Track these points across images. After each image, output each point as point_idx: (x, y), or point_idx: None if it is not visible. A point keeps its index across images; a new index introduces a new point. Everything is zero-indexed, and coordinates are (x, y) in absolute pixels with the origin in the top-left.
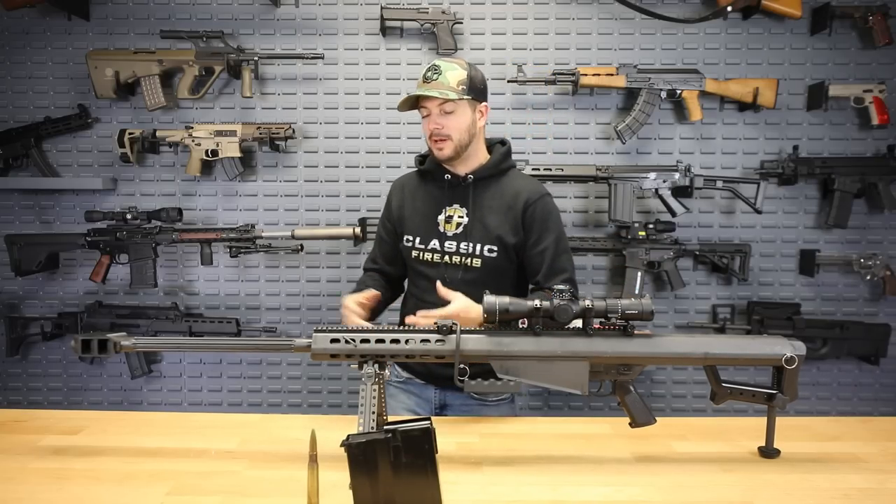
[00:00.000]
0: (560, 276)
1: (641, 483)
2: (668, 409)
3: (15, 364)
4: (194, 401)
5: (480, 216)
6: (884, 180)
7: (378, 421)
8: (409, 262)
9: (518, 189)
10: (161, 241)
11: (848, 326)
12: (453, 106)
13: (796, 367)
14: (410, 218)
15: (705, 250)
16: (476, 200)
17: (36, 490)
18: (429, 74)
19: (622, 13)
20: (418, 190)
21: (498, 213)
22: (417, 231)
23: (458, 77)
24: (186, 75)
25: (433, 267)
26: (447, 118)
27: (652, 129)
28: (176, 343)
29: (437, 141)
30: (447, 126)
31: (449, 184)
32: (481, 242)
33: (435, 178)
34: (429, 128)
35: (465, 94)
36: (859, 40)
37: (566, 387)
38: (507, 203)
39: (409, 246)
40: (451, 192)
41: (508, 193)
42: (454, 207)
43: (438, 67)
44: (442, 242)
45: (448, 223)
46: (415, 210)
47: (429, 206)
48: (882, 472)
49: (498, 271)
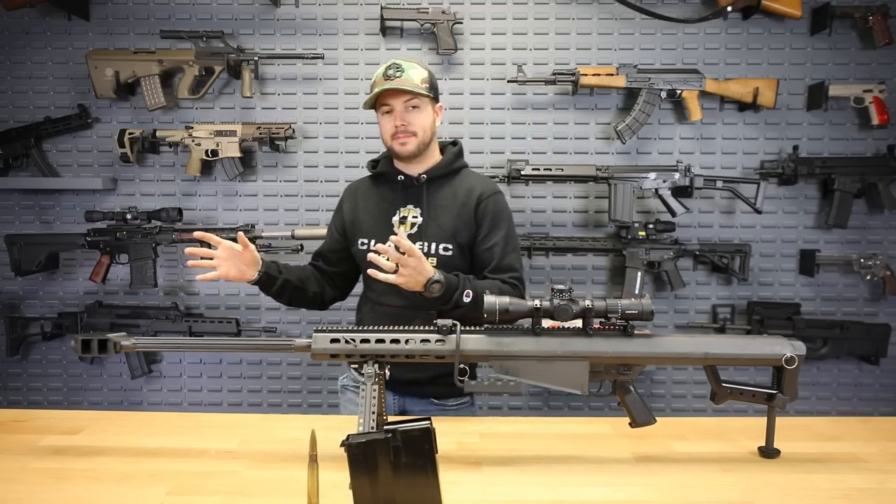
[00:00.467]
0: (508, 273)
1: (641, 483)
2: (668, 409)
3: (15, 364)
4: (194, 401)
5: (435, 215)
6: (884, 180)
7: (378, 421)
8: (364, 265)
9: (471, 186)
10: (161, 241)
11: (848, 326)
12: (419, 102)
13: (796, 367)
14: (364, 221)
15: (705, 250)
16: (430, 200)
17: (36, 490)
18: (391, 73)
19: (622, 13)
20: (371, 193)
21: (451, 211)
22: (372, 234)
23: (420, 76)
24: (186, 75)
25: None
26: (413, 114)
27: (652, 129)
28: (176, 343)
29: (402, 136)
30: (413, 122)
31: (402, 185)
32: (436, 241)
33: (388, 180)
34: (393, 124)
35: (428, 92)
36: (859, 40)
37: (566, 387)
38: (460, 201)
39: (364, 249)
40: (405, 192)
41: (461, 191)
42: (408, 208)
43: (401, 66)
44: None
45: (403, 224)
46: (368, 213)
47: (382, 209)
48: (882, 472)
49: (454, 269)
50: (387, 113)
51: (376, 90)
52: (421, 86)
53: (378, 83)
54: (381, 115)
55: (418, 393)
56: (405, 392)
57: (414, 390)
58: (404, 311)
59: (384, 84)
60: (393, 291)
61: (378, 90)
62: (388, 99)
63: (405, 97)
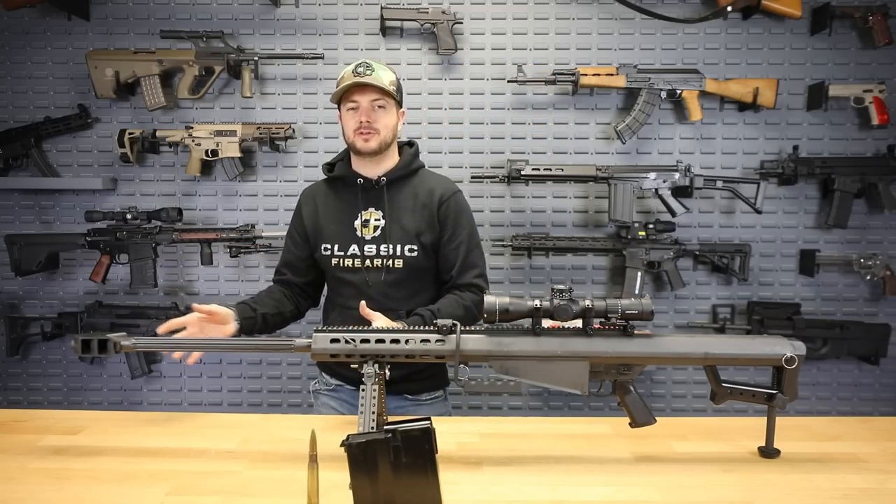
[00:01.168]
0: (472, 270)
1: (641, 483)
2: (668, 409)
3: (15, 364)
4: (194, 401)
5: (397, 217)
6: (884, 180)
7: (378, 421)
8: (329, 270)
9: (431, 187)
10: (161, 241)
11: (848, 326)
12: (385, 102)
13: (796, 367)
14: (325, 226)
15: (705, 250)
16: (391, 202)
17: (36, 490)
18: (361, 70)
19: (622, 13)
20: (329, 197)
21: (413, 212)
22: (335, 238)
23: (389, 77)
24: (186, 75)
25: (354, 272)
26: (378, 113)
27: (652, 129)
28: (176, 343)
29: (365, 133)
30: (378, 120)
31: (362, 188)
32: (401, 243)
33: (347, 184)
34: (357, 119)
35: (395, 94)
36: (859, 40)
37: (566, 387)
38: (421, 201)
39: (328, 255)
40: (365, 195)
41: (422, 192)
42: (370, 211)
43: (371, 65)
44: (361, 247)
45: (365, 227)
46: (329, 218)
47: (343, 213)
48: (882, 472)
49: (420, 270)
50: (351, 109)
51: (346, 84)
52: (389, 87)
53: (347, 79)
54: (346, 111)
55: (392, 391)
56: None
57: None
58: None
59: (353, 79)
60: (360, 295)
61: (348, 84)
62: (355, 95)
63: (373, 95)
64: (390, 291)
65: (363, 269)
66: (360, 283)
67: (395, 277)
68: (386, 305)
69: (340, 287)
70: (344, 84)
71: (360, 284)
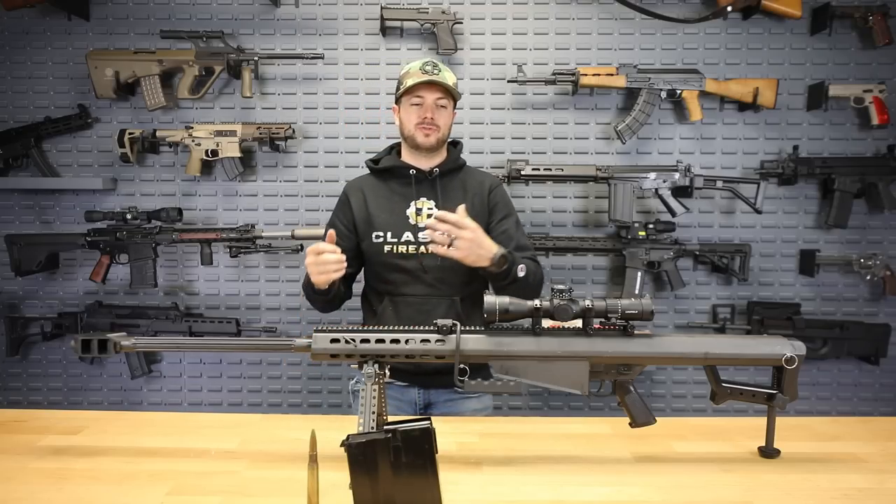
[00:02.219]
0: (526, 252)
1: (641, 483)
2: (668, 409)
3: (15, 364)
4: (194, 401)
5: (450, 206)
6: (884, 180)
7: (378, 421)
8: (380, 258)
9: (480, 179)
10: (161, 241)
11: (848, 326)
12: (447, 102)
13: (796, 367)
14: (377, 215)
15: (705, 250)
16: (443, 192)
17: (36, 490)
18: (428, 68)
19: (622, 13)
20: (379, 188)
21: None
22: (387, 226)
23: (452, 79)
24: (186, 75)
25: (408, 258)
26: (440, 111)
27: (652, 129)
28: (176, 343)
29: (427, 128)
30: (440, 118)
31: (416, 178)
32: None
33: (397, 175)
34: (420, 115)
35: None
36: (859, 40)
37: (566, 387)
38: (472, 192)
39: (380, 242)
40: (418, 186)
41: (471, 184)
42: (422, 200)
43: (438, 65)
44: (415, 234)
45: (419, 215)
46: (380, 207)
47: (395, 202)
48: (882, 472)
49: None
50: (416, 105)
51: (414, 80)
52: (453, 87)
53: (413, 75)
54: (409, 105)
55: (443, 383)
56: (429, 384)
57: (438, 381)
58: (428, 299)
59: (422, 77)
60: (416, 281)
61: (417, 81)
62: (421, 91)
63: (438, 94)
64: (445, 276)
65: (418, 254)
66: (415, 269)
67: (451, 263)
68: (441, 291)
69: (391, 274)
70: (412, 80)
71: (416, 270)
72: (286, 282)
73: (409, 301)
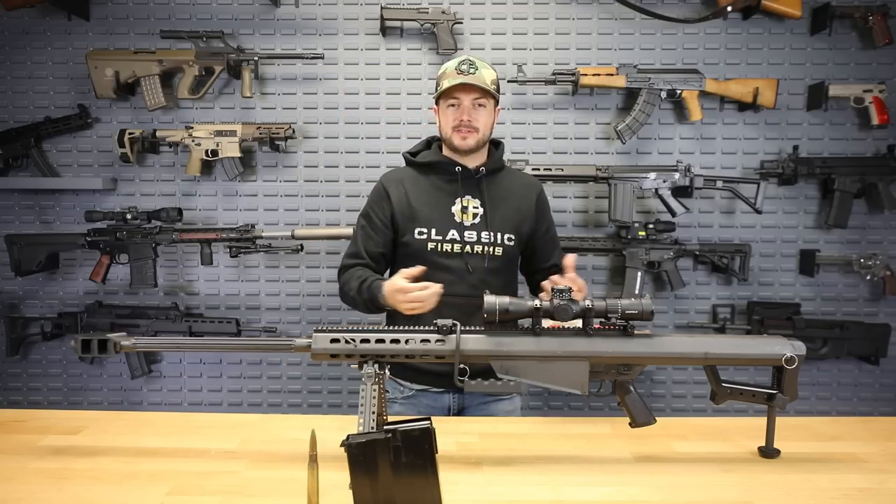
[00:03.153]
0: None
1: (641, 483)
2: (668, 409)
3: (15, 364)
4: (194, 401)
5: (496, 206)
6: (884, 180)
7: (378, 421)
8: (421, 255)
9: (527, 182)
10: (161, 241)
11: (848, 326)
12: (486, 101)
13: (796, 367)
14: (420, 210)
15: (705, 250)
16: (489, 192)
17: (36, 490)
18: (464, 67)
19: (622, 13)
20: (421, 182)
21: (511, 203)
22: (431, 222)
23: (491, 76)
24: (186, 75)
25: (453, 257)
26: (479, 112)
27: (652, 129)
28: (176, 343)
29: (465, 131)
30: (477, 119)
31: (462, 175)
32: (501, 231)
33: (441, 171)
34: (458, 117)
35: (496, 93)
36: (859, 40)
37: (566, 387)
38: (519, 194)
39: (424, 238)
40: (464, 183)
41: (517, 186)
42: (467, 198)
43: (474, 63)
44: (461, 232)
45: (464, 213)
46: (422, 202)
47: (438, 198)
48: (882, 472)
49: (513, 259)
50: (452, 106)
51: (449, 82)
52: (491, 86)
53: (449, 76)
54: (446, 107)
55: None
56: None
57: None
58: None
59: (458, 78)
60: (460, 281)
61: (452, 83)
62: (457, 92)
63: (475, 94)
64: (490, 279)
65: (463, 254)
66: (460, 269)
67: (495, 265)
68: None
69: (434, 273)
70: (447, 82)
71: (460, 270)
72: (286, 282)
73: (454, 302)
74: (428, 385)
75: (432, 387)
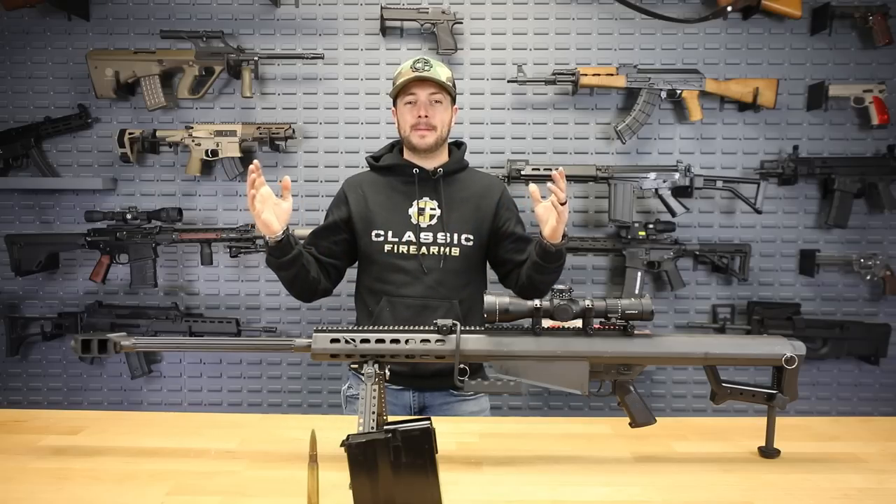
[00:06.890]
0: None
1: (641, 483)
2: (668, 409)
3: (15, 364)
4: (194, 401)
5: (454, 207)
6: (884, 180)
7: (378, 421)
8: (379, 257)
9: (488, 182)
10: (161, 241)
11: (848, 326)
12: (442, 97)
13: (796, 367)
14: (377, 213)
15: (705, 250)
16: (447, 193)
17: (36, 490)
18: (419, 65)
19: (622, 13)
20: (379, 185)
21: (469, 203)
22: (388, 225)
23: (446, 74)
24: (186, 75)
25: (409, 259)
26: (435, 108)
27: (652, 129)
28: (176, 343)
29: (423, 129)
30: (434, 116)
31: (419, 177)
32: (458, 232)
33: (399, 173)
34: (415, 114)
35: (451, 89)
36: (859, 40)
37: (566, 387)
38: (478, 194)
39: (381, 240)
40: (421, 185)
41: (476, 186)
42: (424, 200)
43: (429, 61)
44: (417, 234)
45: (421, 215)
46: (380, 205)
47: (396, 201)
48: (882, 472)
49: (473, 260)
50: (409, 104)
51: (404, 79)
52: (447, 82)
53: (405, 74)
54: (403, 105)
55: (439, 385)
56: (425, 387)
57: (436, 383)
58: (427, 301)
59: (412, 74)
60: (415, 282)
61: (407, 79)
62: (414, 89)
63: (431, 89)
64: (446, 279)
65: (419, 255)
66: (415, 270)
67: (452, 265)
68: (440, 293)
69: (390, 274)
70: (403, 78)
71: (416, 271)
72: None
73: (408, 302)
74: (388, 383)
75: (392, 384)
